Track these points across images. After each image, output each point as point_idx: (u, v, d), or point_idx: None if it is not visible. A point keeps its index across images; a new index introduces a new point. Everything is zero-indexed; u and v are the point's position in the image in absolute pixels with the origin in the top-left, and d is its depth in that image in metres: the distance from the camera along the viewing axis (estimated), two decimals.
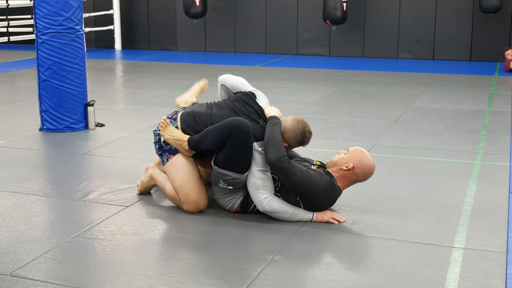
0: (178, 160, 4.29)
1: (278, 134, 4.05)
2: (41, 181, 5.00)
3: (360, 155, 4.12)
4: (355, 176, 4.12)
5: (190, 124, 4.33)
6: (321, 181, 4.02)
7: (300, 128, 4.21)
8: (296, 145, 4.28)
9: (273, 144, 3.99)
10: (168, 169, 4.34)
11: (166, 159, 4.34)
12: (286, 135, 4.18)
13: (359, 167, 4.10)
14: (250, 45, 13.69)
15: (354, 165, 4.08)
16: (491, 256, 3.58)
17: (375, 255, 3.61)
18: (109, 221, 4.11)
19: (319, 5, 12.68)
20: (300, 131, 4.20)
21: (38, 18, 6.40)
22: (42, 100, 6.55)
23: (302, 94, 8.65)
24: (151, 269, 3.41)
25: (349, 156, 4.12)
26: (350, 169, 4.08)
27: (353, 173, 4.10)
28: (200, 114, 4.35)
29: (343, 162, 4.11)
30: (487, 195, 4.60)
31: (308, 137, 4.26)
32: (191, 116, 4.37)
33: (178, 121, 4.37)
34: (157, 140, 4.39)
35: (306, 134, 4.23)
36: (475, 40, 12.29)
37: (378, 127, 6.75)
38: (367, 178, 4.18)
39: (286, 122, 4.23)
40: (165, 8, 14.25)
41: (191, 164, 4.30)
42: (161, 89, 9.23)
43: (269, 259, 3.53)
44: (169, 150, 4.32)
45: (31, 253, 3.59)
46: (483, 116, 7.28)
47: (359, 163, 4.09)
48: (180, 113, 4.43)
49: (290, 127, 4.20)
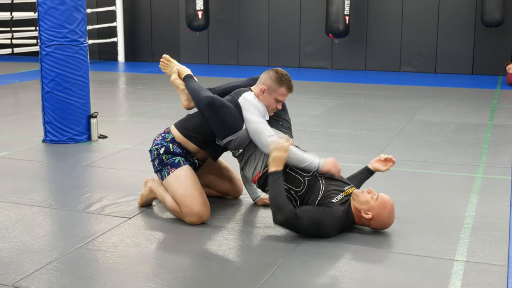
0: (181, 173, 4.30)
1: (281, 192, 4.01)
2: (44, 192, 5.02)
3: (383, 211, 4.03)
4: (367, 222, 4.10)
5: (189, 126, 4.43)
6: (333, 218, 4.00)
7: (272, 71, 4.35)
8: (279, 85, 4.30)
9: (277, 205, 3.97)
10: (169, 183, 4.33)
11: (166, 173, 4.34)
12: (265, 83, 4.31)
13: (376, 221, 4.06)
14: (253, 58, 13.74)
15: (373, 217, 4.04)
16: (492, 269, 3.58)
17: (377, 268, 3.62)
18: (111, 232, 4.13)
19: (321, 18, 12.73)
20: (273, 72, 4.34)
21: (42, 30, 6.44)
22: (45, 112, 6.58)
23: (305, 107, 8.67)
24: (153, 281, 3.41)
25: (374, 206, 4.03)
26: (367, 218, 4.07)
27: (368, 221, 4.08)
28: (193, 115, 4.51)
29: (365, 207, 4.04)
30: (489, 208, 4.61)
31: (284, 74, 4.33)
32: (185, 120, 4.49)
33: (173, 130, 4.45)
34: (156, 155, 4.40)
35: (280, 71, 4.34)
36: (477, 54, 12.32)
37: (381, 140, 6.77)
38: (376, 229, 4.15)
39: (260, 78, 4.40)
40: (168, 20, 14.32)
41: (193, 177, 4.32)
42: (164, 101, 9.26)
43: (271, 271, 3.53)
44: (171, 163, 4.34)
45: (33, 264, 3.61)
46: (485, 130, 7.30)
47: (378, 217, 4.05)
48: (172, 125, 4.53)
49: (263, 76, 4.36)
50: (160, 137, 4.48)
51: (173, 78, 4.70)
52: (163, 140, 4.43)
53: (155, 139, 4.50)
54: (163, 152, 4.36)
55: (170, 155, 4.36)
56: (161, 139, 4.45)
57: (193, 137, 4.40)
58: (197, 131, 4.39)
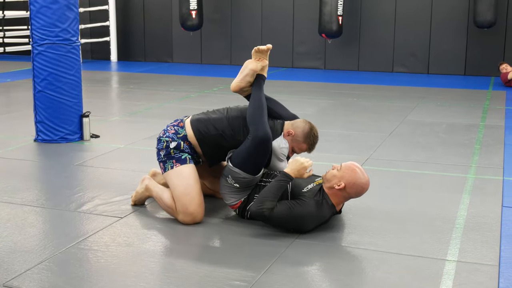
0: (185, 170, 4.28)
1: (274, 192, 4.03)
2: (36, 191, 5.00)
3: (352, 173, 4.07)
4: (347, 194, 4.10)
5: (203, 130, 4.35)
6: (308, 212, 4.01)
7: (308, 126, 4.41)
8: (304, 141, 4.35)
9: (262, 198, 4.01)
10: (170, 177, 4.31)
11: (170, 166, 4.30)
12: (296, 130, 4.35)
13: (350, 186, 4.07)
14: (246, 58, 13.55)
15: (346, 184, 4.05)
16: (483, 269, 3.59)
17: (368, 268, 3.62)
18: (103, 232, 4.12)
19: (314, 19, 12.74)
20: (308, 127, 4.39)
21: (34, 29, 6.42)
22: (37, 111, 6.55)
23: (298, 107, 8.65)
24: (145, 281, 3.41)
25: (341, 174, 4.07)
26: (341, 188, 4.07)
27: (345, 192, 4.08)
28: (214, 119, 4.40)
29: (335, 180, 4.07)
30: (480, 208, 4.62)
31: (315, 136, 4.40)
32: (202, 122, 4.39)
33: (188, 128, 4.38)
34: (165, 147, 4.35)
35: (314, 131, 4.41)
36: (470, 55, 12.36)
37: (373, 140, 6.78)
38: (359, 195, 4.17)
39: (296, 121, 4.43)
40: (161, 20, 14.30)
41: (195, 177, 4.30)
42: (156, 101, 9.24)
43: (263, 271, 3.53)
44: (178, 158, 4.31)
45: (25, 264, 3.59)
46: (477, 130, 7.32)
47: (350, 182, 4.06)
48: (187, 120, 4.45)
49: (300, 123, 4.41)
50: (173, 130, 4.40)
51: (254, 67, 4.62)
52: (176, 135, 4.36)
53: (166, 130, 4.42)
54: (173, 147, 4.33)
55: (179, 150, 4.35)
56: (174, 132, 4.38)
57: (204, 145, 4.37)
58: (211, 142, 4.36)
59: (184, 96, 9.72)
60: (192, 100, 9.33)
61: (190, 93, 10.02)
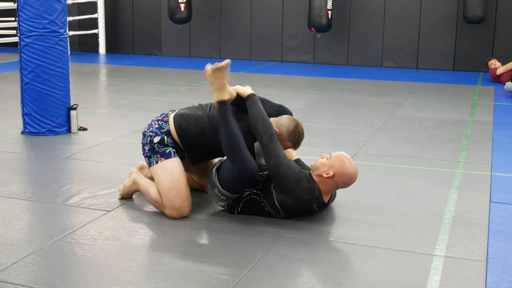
0: (169, 165, 4.26)
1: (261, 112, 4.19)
2: (22, 184, 4.97)
3: (341, 163, 4.11)
4: (335, 183, 4.13)
5: (184, 126, 4.32)
6: (300, 174, 4.05)
7: (293, 123, 4.32)
8: (288, 139, 4.30)
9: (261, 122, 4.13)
10: (155, 172, 4.30)
11: (155, 161, 4.29)
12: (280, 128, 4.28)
13: (339, 176, 4.10)
14: (235, 51, 13.70)
15: (335, 173, 4.08)
16: (471, 264, 3.60)
17: (356, 263, 3.62)
18: (90, 225, 4.09)
19: (304, 13, 12.73)
20: (293, 125, 4.30)
21: (22, 21, 6.37)
22: (24, 103, 6.51)
23: (286, 101, 8.61)
24: (132, 274, 3.39)
25: (331, 163, 4.12)
26: (330, 177, 4.09)
27: (333, 180, 4.11)
28: (196, 116, 4.34)
29: (324, 169, 4.11)
30: (468, 204, 4.63)
31: (300, 134, 4.32)
32: (184, 118, 4.36)
33: (171, 123, 4.36)
34: (149, 142, 4.34)
35: (299, 129, 4.32)
36: (459, 50, 12.39)
37: (361, 135, 6.78)
38: (347, 186, 4.20)
39: (280, 119, 4.35)
40: (150, 13, 14.24)
41: (180, 171, 4.28)
42: (145, 94, 9.20)
43: (250, 266, 3.52)
44: (162, 153, 4.29)
45: (11, 257, 3.57)
46: (465, 126, 7.33)
47: (339, 171, 4.09)
48: (172, 115, 4.42)
49: (285, 120, 4.33)
50: (157, 124, 4.38)
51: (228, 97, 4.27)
52: (159, 130, 4.34)
53: (151, 125, 4.41)
54: (156, 142, 4.31)
55: (163, 145, 4.33)
56: (158, 127, 4.36)
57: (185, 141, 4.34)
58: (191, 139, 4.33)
59: (173, 89, 9.68)
60: (180, 93, 9.30)
61: (179, 86, 9.98)
